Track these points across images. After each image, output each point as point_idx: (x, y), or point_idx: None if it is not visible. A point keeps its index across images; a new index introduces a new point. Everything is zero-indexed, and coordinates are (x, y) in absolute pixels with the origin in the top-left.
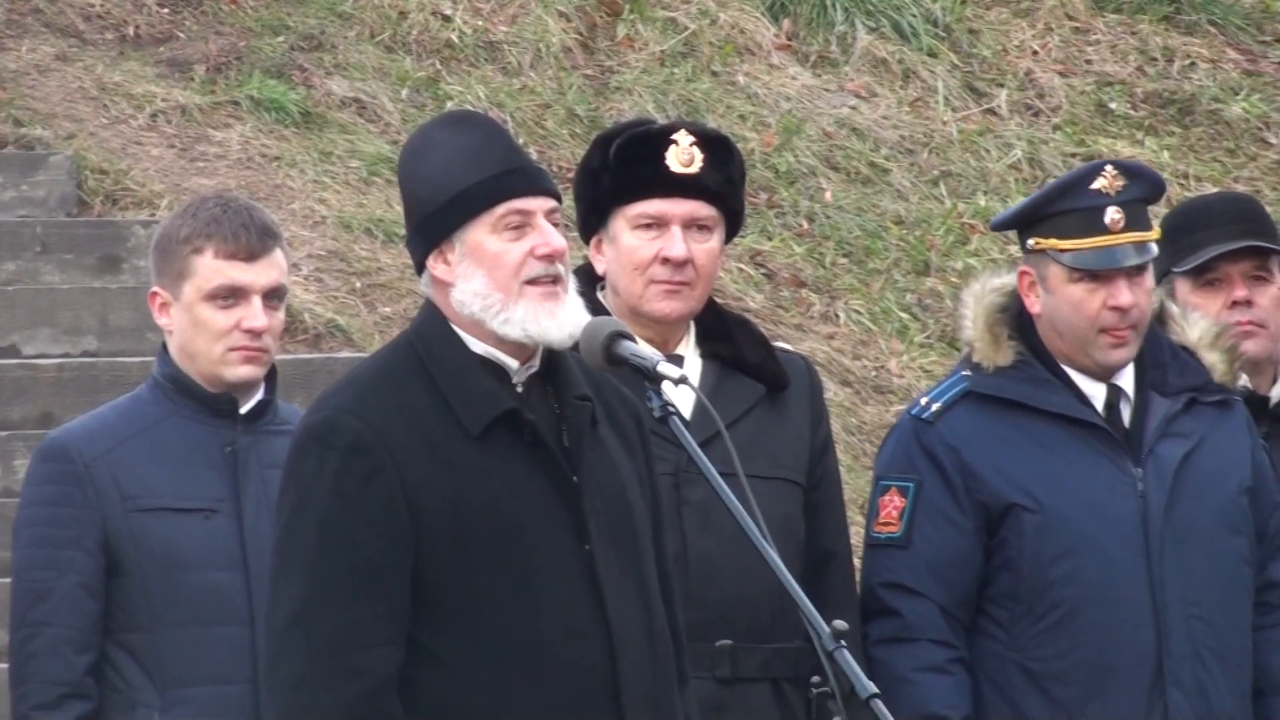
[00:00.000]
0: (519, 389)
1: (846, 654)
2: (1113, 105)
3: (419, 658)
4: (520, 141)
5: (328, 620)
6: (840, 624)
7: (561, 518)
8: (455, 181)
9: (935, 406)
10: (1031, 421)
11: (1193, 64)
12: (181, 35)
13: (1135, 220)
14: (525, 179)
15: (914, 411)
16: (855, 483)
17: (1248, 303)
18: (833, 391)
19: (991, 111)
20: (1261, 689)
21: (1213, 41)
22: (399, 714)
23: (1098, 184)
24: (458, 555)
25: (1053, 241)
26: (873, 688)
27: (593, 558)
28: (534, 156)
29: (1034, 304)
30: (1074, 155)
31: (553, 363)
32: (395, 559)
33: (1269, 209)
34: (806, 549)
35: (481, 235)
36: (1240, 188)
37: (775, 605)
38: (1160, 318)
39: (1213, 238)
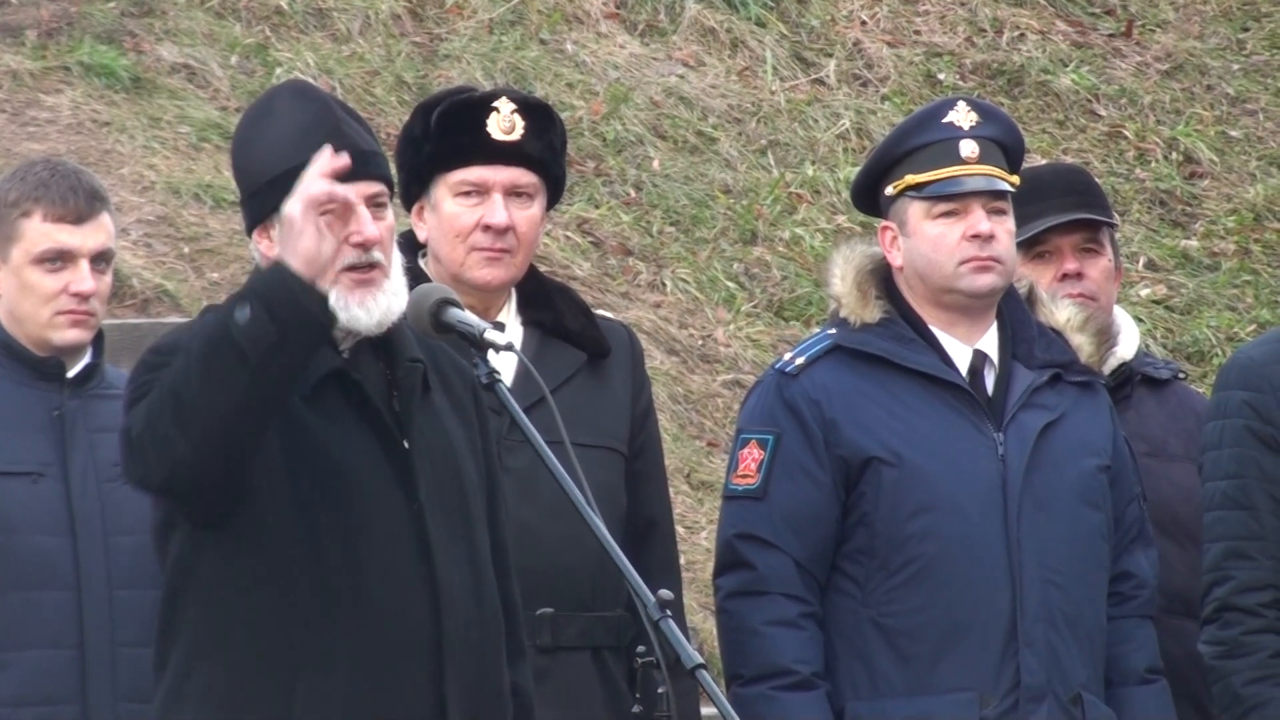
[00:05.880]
0: (345, 354)
1: (672, 623)
2: (941, 76)
3: (256, 598)
4: (356, 114)
5: None
6: (665, 593)
7: (390, 478)
8: (278, 161)
9: (799, 361)
10: (895, 378)
11: (1022, 35)
12: (12, 1)
13: (991, 157)
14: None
15: (778, 365)
16: (681, 452)
17: (1078, 275)
18: (659, 360)
19: (820, 81)
20: (1111, 679)
21: (1042, 13)
22: None
23: (950, 117)
24: (291, 505)
25: (909, 178)
26: (698, 658)
27: (422, 517)
28: (375, 131)
29: (896, 257)
30: None
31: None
32: None
33: (1098, 181)
34: (628, 518)
35: (298, 211)
36: (1069, 159)
37: (596, 574)
38: (1029, 300)
39: (1044, 210)
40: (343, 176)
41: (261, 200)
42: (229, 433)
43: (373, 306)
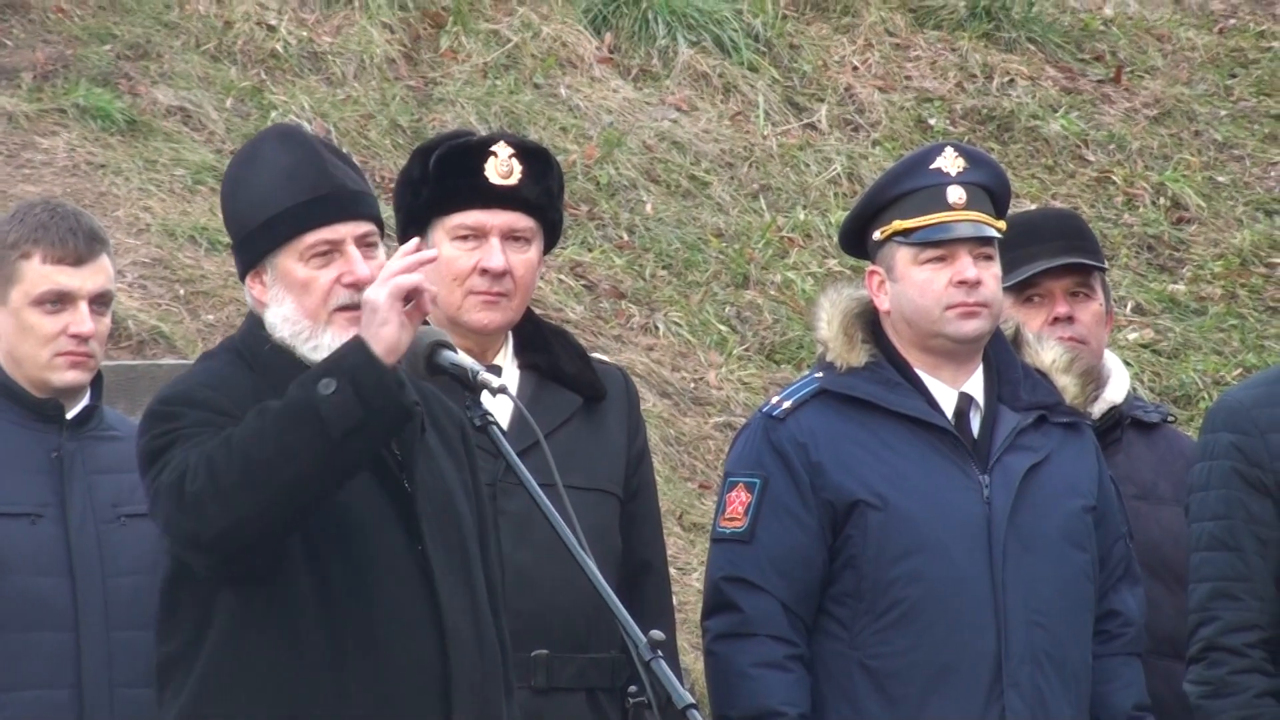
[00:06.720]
0: None
1: (663, 664)
2: (932, 121)
3: (268, 643)
4: (347, 157)
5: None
6: (657, 634)
7: (395, 521)
8: (267, 207)
9: (786, 405)
10: (881, 422)
11: (1012, 81)
12: (8, 43)
13: (978, 203)
14: (335, 206)
15: (765, 409)
16: (674, 494)
17: (1069, 319)
18: (651, 403)
19: (811, 126)
20: (1098, 717)
21: (1032, 59)
22: None
23: (938, 163)
24: (302, 551)
25: (896, 224)
26: (689, 698)
27: (427, 559)
28: (368, 173)
29: (883, 301)
30: None
31: None
32: None
33: (1093, 220)
34: (623, 560)
35: (290, 263)
36: (1058, 204)
37: (591, 615)
38: (1015, 342)
39: (1035, 253)
40: (330, 219)
41: (252, 246)
42: (295, 498)
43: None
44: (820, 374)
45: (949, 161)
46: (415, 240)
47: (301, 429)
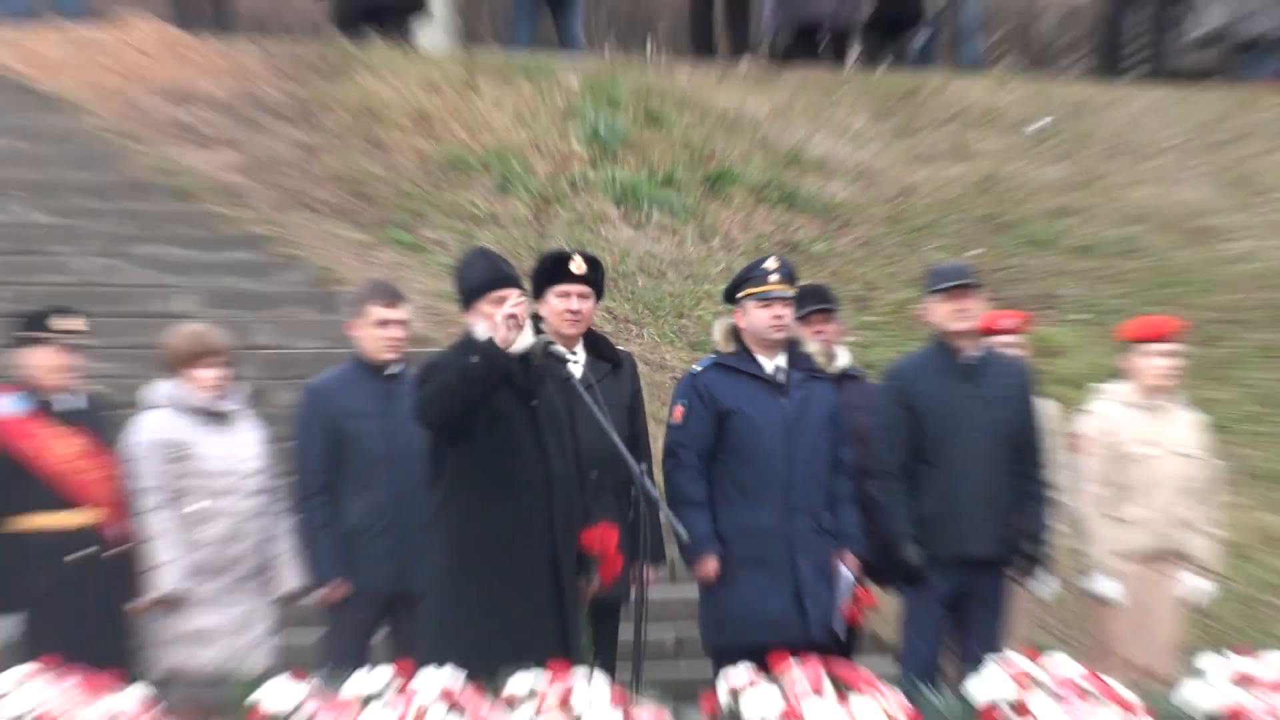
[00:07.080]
0: None
1: (646, 479)
2: (764, 246)
3: (473, 475)
4: (509, 259)
5: None
6: (644, 465)
7: (528, 421)
8: (472, 281)
9: (700, 369)
10: (741, 378)
11: (799, 228)
12: (357, 210)
13: (784, 280)
14: (502, 281)
15: (691, 372)
16: (650, 407)
17: (822, 332)
18: (641, 369)
19: (710, 248)
20: (830, 504)
21: (806, 217)
22: None
23: (766, 264)
24: (487, 437)
25: (748, 290)
26: (657, 495)
27: (543, 439)
28: (517, 266)
29: (743, 323)
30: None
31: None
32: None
33: (833, 290)
34: (629, 435)
35: (484, 306)
36: (818, 282)
37: (615, 457)
38: (798, 341)
39: (807, 302)
40: (501, 286)
41: (465, 298)
42: (459, 406)
43: (518, 343)
44: (714, 355)
45: (771, 263)
46: (519, 294)
47: (458, 380)
